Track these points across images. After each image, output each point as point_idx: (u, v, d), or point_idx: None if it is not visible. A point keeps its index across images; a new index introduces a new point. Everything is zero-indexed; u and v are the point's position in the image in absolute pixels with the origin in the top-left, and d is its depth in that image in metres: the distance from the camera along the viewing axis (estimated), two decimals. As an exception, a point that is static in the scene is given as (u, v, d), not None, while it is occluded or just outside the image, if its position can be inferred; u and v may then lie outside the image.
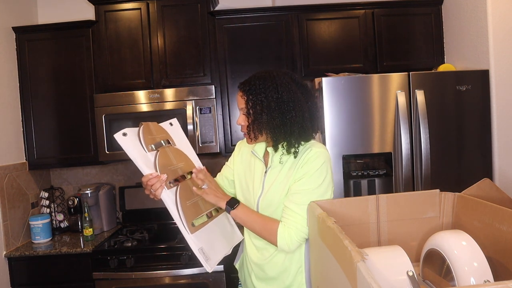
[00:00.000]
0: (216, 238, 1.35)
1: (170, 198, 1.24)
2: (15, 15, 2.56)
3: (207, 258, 1.27)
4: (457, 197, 1.15)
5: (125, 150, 1.25)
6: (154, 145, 1.29)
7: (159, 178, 1.23)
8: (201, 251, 1.26)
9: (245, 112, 1.30)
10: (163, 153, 1.30)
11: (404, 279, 0.86)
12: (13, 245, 2.36)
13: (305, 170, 1.25)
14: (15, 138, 2.49)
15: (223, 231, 1.41)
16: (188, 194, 1.30)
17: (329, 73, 2.30)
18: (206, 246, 1.28)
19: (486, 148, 2.11)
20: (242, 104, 1.31)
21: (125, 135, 1.25)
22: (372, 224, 1.16)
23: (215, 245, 1.33)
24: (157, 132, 1.36)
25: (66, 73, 2.51)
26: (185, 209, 1.26)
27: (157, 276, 2.19)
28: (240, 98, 1.31)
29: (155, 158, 1.27)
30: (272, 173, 1.34)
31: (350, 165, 2.08)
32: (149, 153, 1.27)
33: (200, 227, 1.29)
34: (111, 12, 2.50)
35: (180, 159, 1.36)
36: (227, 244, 1.40)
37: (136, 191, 2.75)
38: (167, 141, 1.36)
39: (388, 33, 2.48)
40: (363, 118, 2.07)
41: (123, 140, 1.25)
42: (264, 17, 2.49)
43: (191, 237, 1.24)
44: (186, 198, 1.28)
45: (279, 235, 1.24)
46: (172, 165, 1.31)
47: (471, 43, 2.24)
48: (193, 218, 1.27)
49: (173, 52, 2.49)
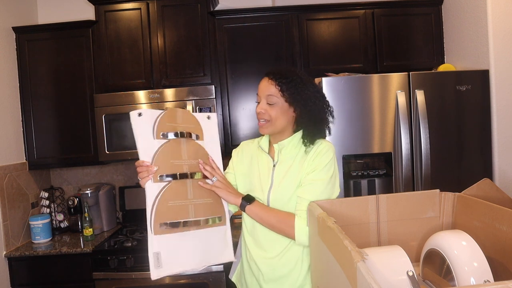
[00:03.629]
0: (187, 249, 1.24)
1: (152, 192, 1.19)
2: (15, 15, 2.57)
3: (158, 265, 1.18)
4: (457, 197, 1.15)
5: (133, 129, 1.22)
6: (166, 134, 1.24)
7: (148, 168, 1.21)
8: (156, 255, 1.18)
9: (272, 101, 1.31)
10: (171, 145, 1.24)
11: (404, 279, 0.86)
12: (13, 245, 2.36)
13: (317, 162, 1.29)
14: (15, 138, 2.49)
15: (205, 244, 1.27)
16: (178, 195, 1.22)
17: (329, 73, 2.30)
18: (165, 253, 1.19)
19: (486, 148, 2.11)
20: (270, 91, 1.31)
21: (140, 115, 1.23)
22: (372, 224, 1.16)
23: (180, 256, 1.22)
24: (184, 121, 1.29)
25: (66, 73, 2.51)
26: (161, 208, 1.19)
27: (157, 276, 2.19)
28: (268, 85, 1.31)
29: (158, 147, 1.22)
30: (281, 168, 1.35)
31: (350, 165, 2.08)
32: (156, 140, 1.22)
33: (171, 231, 1.20)
34: (111, 12, 2.50)
35: (196, 155, 1.28)
36: (201, 259, 1.26)
37: (136, 191, 2.75)
38: (189, 134, 1.28)
39: (388, 33, 2.48)
40: (363, 118, 2.07)
41: (136, 119, 1.22)
42: (264, 17, 2.49)
43: (152, 238, 1.18)
44: (172, 198, 1.21)
45: (296, 227, 1.24)
46: (177, 159, 1.24)
47: (471, 43, 2.24)
48: (167, 220, 1.20)
49: (173, 52, 2.49)
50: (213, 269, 2.18)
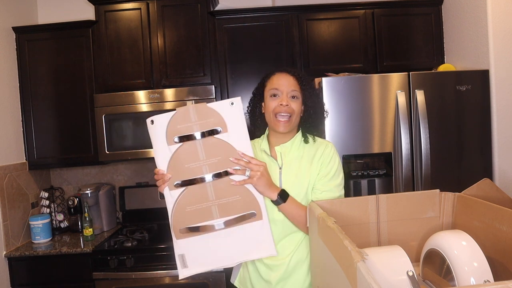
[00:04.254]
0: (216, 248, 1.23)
1: (169, 199, 1.21)
2: (15, 15, 2.56)
3: (184, 266, 1.22)
4: (457, 197, 1.15)
5: (151, 139, 1.22)
6: (179, 138, 1.19)
7: (163, 176, 1.20)
8: (181, 257, 1.22)
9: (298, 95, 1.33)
10: (185, 148, 1.20)
11: (404, 279, 0.86)
12: (13, 245, 2.36)
13: (331, 167, 1.33)
14: (15, 138, 2.49)
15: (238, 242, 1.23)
16: (197, 199, 1.20)
17: (329, 73, 2.30)
18: (190, 254, 1.22)
19: (486, 148, 2.11)
20: (294, 86, 1.33)
21: (152, 123, 1.21)
22: (372, 224, 1.16)
23: (207, 256, 1.23)
24: (200, 117, 1.20)
25: (66, 73, 2.51)
26: (178, 215, 1.20)
27: (157, 276, 2.19)
28: (291, 80, 1.34)
29: (172, 154, 1.19)
30: (288, 171, 1.34)
31: (350, 165, 2.08)
32: (169, 146, 1.20)
33: (193, 235, 1.21)
34: (111, 12, 2.50)
35: (218, 152, 1.20)
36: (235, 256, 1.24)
37: (136, 191, 2.75)
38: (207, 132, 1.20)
39: (388, 33, 2.48)
40: (363, 118, 2.07)
41: (150, 127, 1.22)
42: (264, 17, 2.49)
43: (175, 241, 1.23)
44: (189, 203, 1.21)
45: None
46: (193, 162, 1.20)
47: (471, 43, 2.24)
48: (186, 225, 1.21)
49: (173, 52, 2.49)
50: (213, 269, 2.17)
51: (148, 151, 2.41)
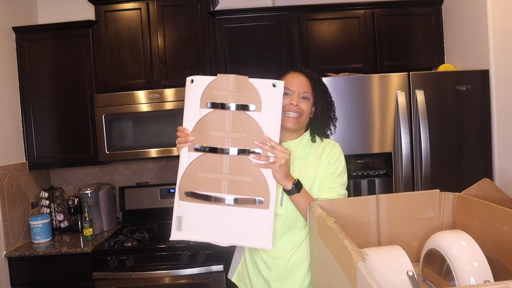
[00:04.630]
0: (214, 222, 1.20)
1: (184, 160, 1.20)
2: (15, 15, 2.56)
3: (178, 228, 1.21)
4: (457, 197, 1.15)
5: (185, 97, 1.23)
6: (212, 104, 1.18)
7: (186, 137, 1.20)
8: (178, 219, 1.21)
9: (309, 96, 1.35)
10: (214, 115, 1.19)
11: (404, 279, 0.86)
12: (13, 245, 2.36)
13: (337, 165, 1.37)
14: (15, 138, 2.49)
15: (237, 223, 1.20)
16: (211, 167, 1.19)
17: (329, 73, 2.30)
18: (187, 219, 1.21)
19: (486, 148, 2.10)
20: (307, 87, 1.35)
21: (192, 82, 1.22)
22: (372, 224, 1.16)
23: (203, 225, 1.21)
24: (238, 89, 1.19)
25: (66, 73, 2.51)
26: (188, 177, 1.20)
27: (157, 276, 2.19)
28: (304, 81, 1.35)
29: (200, 117, 1.19)
30: (292, 168, 1.34)
31: (350, 165, 2.08)
32: (201, 109, 1.19)
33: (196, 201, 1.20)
34: (111, 12, 2.50)
35: (244, 129, 1.18)
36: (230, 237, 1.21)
37: (136, 191, 2.75)
38: (240, 105, 1.18)
39: (388, 33, 2.48)
40: (363, 118, 2.07)
41: (188, 86, 1.22)
42: (264, 17, 2.49)
43: (177, 202, 1.21)
44: (202, 169, 1.19)
45: None
46: (218, 131, 1.19)
47: (471, 43, 2.24)
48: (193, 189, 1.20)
49: (173, 52, 2.49)
50: (213, 269, 2.18)
51: (148, 151, 2.41)
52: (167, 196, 2.68)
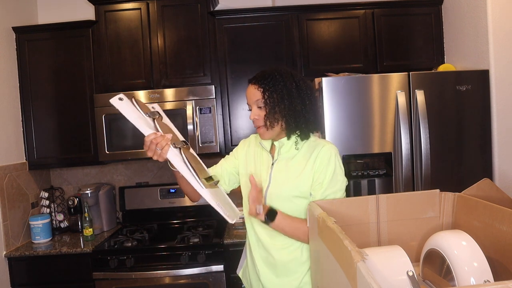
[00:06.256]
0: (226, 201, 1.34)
1: (178, 157, 1.22)
2: (15, 15, 2.56)
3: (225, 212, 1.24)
4: (457, 197, 1.15)
5: (124, 113, 1.20)
6: (150, 114, 1.26)
7: (164, 137, 1.19)
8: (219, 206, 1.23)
9: (261, 104, 1.31)
10: (159, 121, 1.28)
11: (404, 279, 0.86)
12: (13, 245, 2.36)
13: (331, 170, 1.30)
14: (15, 138, 2.49)
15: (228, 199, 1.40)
16: (190, 158, 1.26)
17: (329, 73, 2.30)
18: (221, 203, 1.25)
19: (486, 148, 2.11)
20: (257, 96, 1.31)
21: (121, 100, 1.23)
22: (372, 224, 1.16)
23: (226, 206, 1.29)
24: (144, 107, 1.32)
25: (66, 73, 2.51)
26: (196, 166, 1.24)
27: (157, 276, 2.19)
28: (254, 91, 1.32)
29: (154, 121, 1.25)
30: (279, 166, 1.35)
31: (350, 165, 2.08)
32: (147, 118, 1.25)
33: (212, 186, 1.27)
34: (111, 12, 2.50)
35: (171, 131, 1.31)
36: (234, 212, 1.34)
37: (136, 191, 2.75)
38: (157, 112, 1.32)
39: (388, 33, 2.48)
40: (363, 118, 2.07)
41: (120, 104, 1.21)
42: (264, 17, 2.49)
43: (205, 192, 1.21)
44: (191, 160, 1.25)
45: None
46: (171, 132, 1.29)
47: (471, 43, 2.24)
48: (206, 176, 1.27)
49: (173, 52, 2.49)
50: (213, 269, 2.18)
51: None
52: (167, 196, 2.68)
